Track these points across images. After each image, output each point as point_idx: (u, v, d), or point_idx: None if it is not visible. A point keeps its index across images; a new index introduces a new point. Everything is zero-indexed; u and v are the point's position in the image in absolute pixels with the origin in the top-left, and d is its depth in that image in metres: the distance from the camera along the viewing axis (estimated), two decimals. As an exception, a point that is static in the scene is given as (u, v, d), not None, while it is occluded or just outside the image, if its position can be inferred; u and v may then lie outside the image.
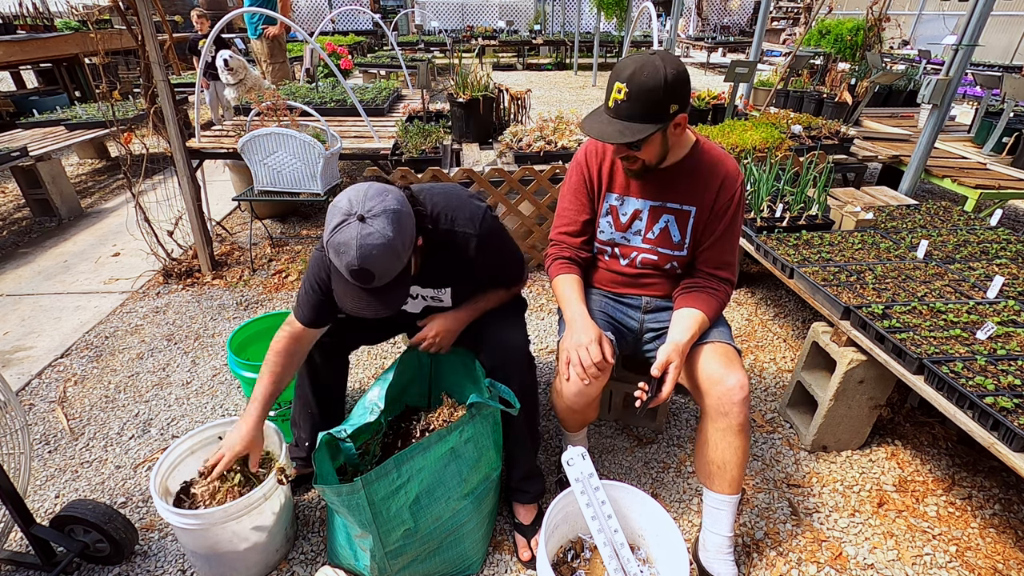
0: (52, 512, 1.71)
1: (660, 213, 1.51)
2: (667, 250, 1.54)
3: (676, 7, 5.18)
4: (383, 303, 1.21)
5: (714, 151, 1.49)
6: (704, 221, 1.50)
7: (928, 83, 2.77)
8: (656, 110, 1.27)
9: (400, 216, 1.15)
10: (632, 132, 1.29)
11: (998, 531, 1.67)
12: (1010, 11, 9.59)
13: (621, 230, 1.57)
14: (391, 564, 1.39)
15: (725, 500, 1.44)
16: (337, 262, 1.15)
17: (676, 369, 1.36)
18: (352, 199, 1.14)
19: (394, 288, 1.22)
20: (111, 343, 2.62)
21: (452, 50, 10.36)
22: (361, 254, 1.10)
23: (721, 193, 1.46)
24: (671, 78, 1.24)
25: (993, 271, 2.01)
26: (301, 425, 1.72)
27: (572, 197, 1.59)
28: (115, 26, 6.64)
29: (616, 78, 1.29)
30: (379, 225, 1.12)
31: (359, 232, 1.10)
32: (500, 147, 3.36)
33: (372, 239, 1.10)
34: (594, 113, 1.40)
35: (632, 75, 1.25)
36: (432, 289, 1.51)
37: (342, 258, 1.13)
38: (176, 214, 3.17)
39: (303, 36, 3.70)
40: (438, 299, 1.54)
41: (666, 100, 1.26)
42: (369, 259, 1.11)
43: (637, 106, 1.27)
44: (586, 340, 1.37)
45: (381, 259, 1.12)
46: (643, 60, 1.26)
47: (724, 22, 16.01)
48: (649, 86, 1.24)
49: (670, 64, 1.25)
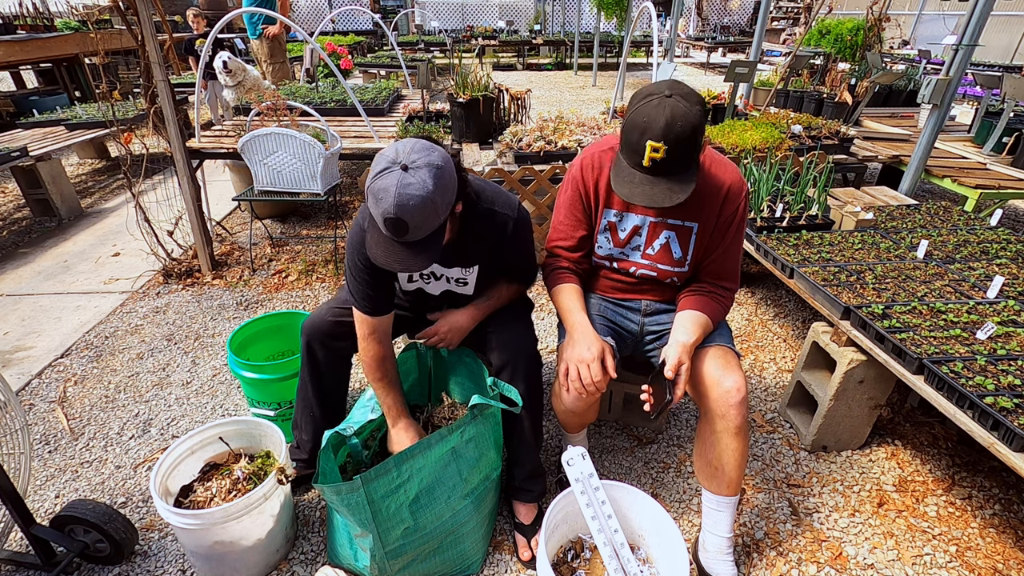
0: (52, 512, 1.72)
1: (661, 229, 1.47)
2: (667, 266, 1.51)
3: (676, 7, 5.18)
4: (412, 258, 1.20)
5: (716, 161, 1.44)
6: (707, 237, 1.45)
7: (928, 83, 2.77)
8: (695, 154, 1.24)
9: (443, 173, 1.16)
10: (681, 188, 1.23)
11: (998, 531, 1.67)
12: (1010, 11, 9.58)
13: (619, 246, 1.53)
14: (391, 564, 1.39)
15: (724, 501, 1.44)
16: (374, 209, 1.15)
17: (687, 370, 1.34)
18: (399, 149, 1.15)
19: (426, 245, 1.21)
20: (111, 343, 2.62)
21: (452, 50, 10.36)
22: (399, 202, 1.11)
23: (725, 207, 1.42)
24: (700, 114, 1.19)
25: (993, 271, 2.01)
26: (303, 427, 1.72)
27: (568, 212, 1.55)
28: (115, 26, 6.62)
29: (647, 135, 1.19)
30: (421, 176, 1.12)
31: (400, 180, 1.11)
32: (500, 147, 3.36)
33: (411, 189, 1.11)
34: (621, 172, 1.30)
35: (666, 130, 1.17)
36: (460, 269, 1.51)
37: (380, 204, 1.13)
38: (176, 214, 3.17)
39: (303, 36, 3.70)
40: (463, 280, 1.54)
41: (701, 138, 1.22)
42: (406, 209, 1.11)
43: (677, 160, 1.21)
44: (589, 357, 1.34)
45: (417, 211, 1.13)
46: (670, 109, 1.17)
47: (724, 22, 16.01)
48: (687, 134, 1.18)
49: (692, 99, 1.19)
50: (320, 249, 3.54)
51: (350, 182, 4.74)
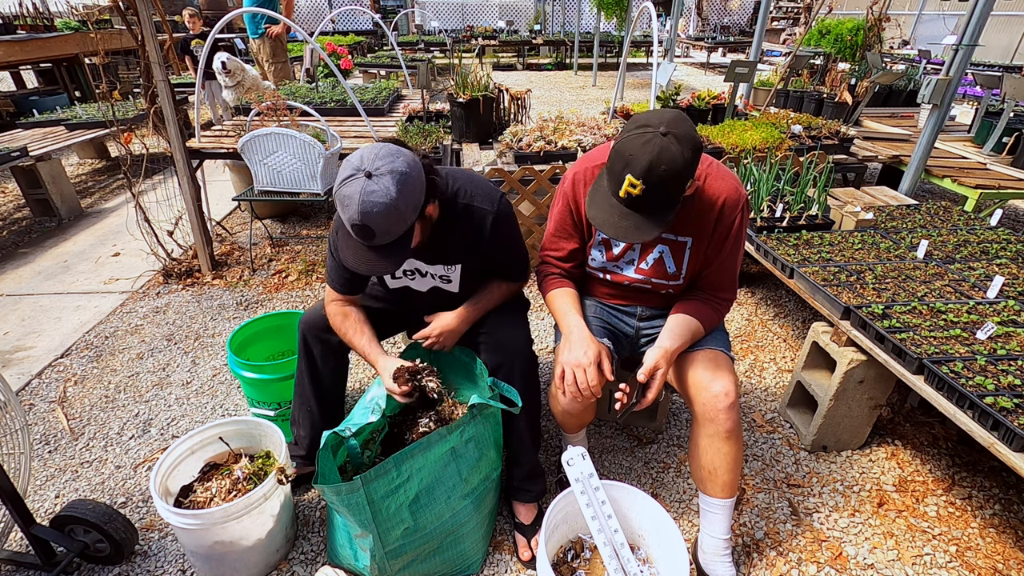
0: (52, 512, 1.72)
1: (654, 243, 1.46)
2: (661, 280, 1.49)
3: (676, 7, 5.19)
4: (381, 262, 1.23)
5: (712, 174, 1.37)
6: (703, 251, 1.42)
7: (928, 83, 2.77)
8: (676, 197, 1.18)
9: (407, 179, 1.17)
10: (650, 228, 1.18)
11: (998, 531, 1.67)
12: (1010, 11, 9.58)
13: (613, 260, 1.52)
14: (391, 564, 1.39)
15: (719, 504, 1.44)
16: (341, 214, 1.18)
17: (662, 376, 1.34)
18: (364, 155, 1.17)
19: (394, 249, 1.24)
20: (111, 343, 2.62)
21: (452, 50, 10.36)
22: (363, 210, 1.13)
23: (720, 222, 1.37)
24: (690, 160, 1.11)
25: (993, 271, 2.01)
26: (301, 423, 1.72)
27: (558, 225, 1.52)
28: (115, 26, 6.62)
29: (628, 169, 1.13)
30: (384, 184, 1.14)
31: (363, 188, 1.13)
32: (500, 147, 3.36)
33: (375, 196, 1.13)
34: (598, 195, 1.25)
35: (649, 170, 1.10)
36: (442, 266, 1.51)
37: (345, 211, 1.16)
38: (176, 214, 3.17)
39: (303, 36, 3.70)
40: (447, 278, 1.54)
41: (685, 182, 1.15)
42: (370, 216, 1.14)
43: (654, 199, 1.15)
44: (585, 361, 1.32)
45: (382, 217, 1.15)
46: (658, 148, 1.10)
47: (724, 22, 16.01)
48: (669, 179, 1.11)
49: (686, 143, 1.11)
50: (320, 249, 3.54)
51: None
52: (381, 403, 1.49)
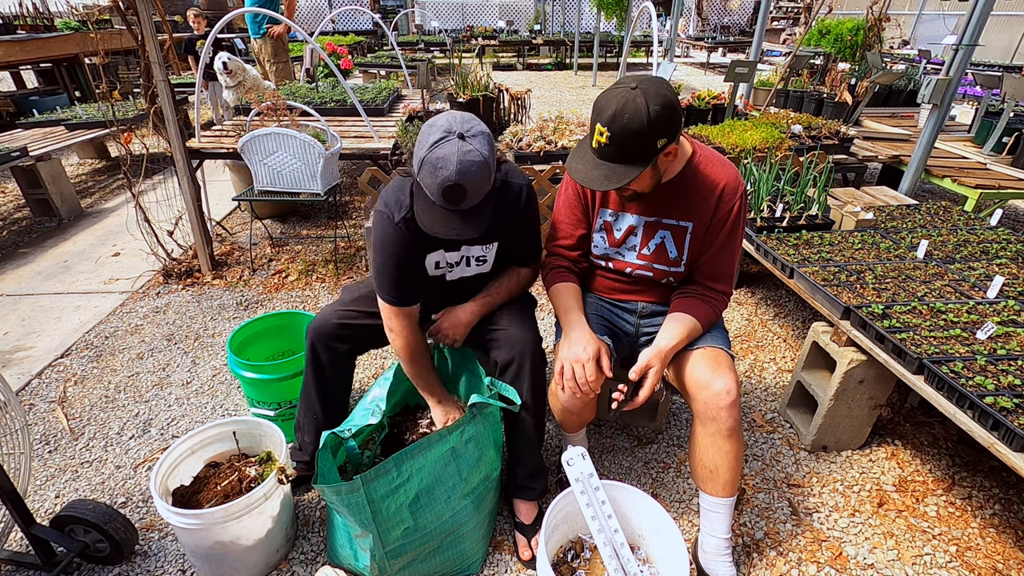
0: (52, 512, 1.72)
1: (656, 229, 1.48)
2: (663, 266, 1.51)
3: (676, 7, 5.18)
4: (466, 226, 1.25)
5: (712, 161, 1.43)
6: (702, 235, 1.45)
7: (928, 83, 2.77)
8: (642, 151, 1.22)
9: (492, 140, 1.22)
10: (618, 176, 1.24)
11: (998, 531, 1.67)
12: (1010, 11, 9.58)
13: (615, 245, 1.54)
14: (391, 564, 1.39)
15: (719, 503, 1.44)
16: (431, 179, 1.19)
17: (655, 374, 1.35)
18: (451, 120, 1.20)
19: (480, 210, 1.26)
20: (111, 343, 2.62)
21: (452, 50, 10.36)
22: (460, 169, 1.15)
23: (720, 206, 1.41)
24: (655, 115, 1.17)
25: (993, 271, 2.01)
26: (305, 429, 1.71)
27: (567, 211, 1.55)
28: (115, 26, 6.63)
29: (597, 118, 1.22)
30: (478, 144, 1.18)
31: (460, 148, 1.16)
32: (500, 147, 3.36)
33: (472, 156, 1.16)
34: (580, 149, 1.34)
35: (613, 118, 1.18)
36: (480, 247, 1.52)
37: (439, 173, 1.17)
38: (176, 214, 3.17)
39: (303, 36, 3.70)
40: (483, 258, 1.55)
41: (651, 139, 1.20)
42: (467, 175, 1.16)
43: (620, 150, 1.22)
44: (584, 357, 1.34)
45: (477, 177, 1.18)
46: (624, 99, 1.18)
47: (724, 22, 16.01)
48: (632, 128, 1.18)
49: (653, 99, 1.17)
50: (320, 249, 3.54)
51: (350, 182, 4.74)
52: (382, 405, 1.49)
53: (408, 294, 1.45)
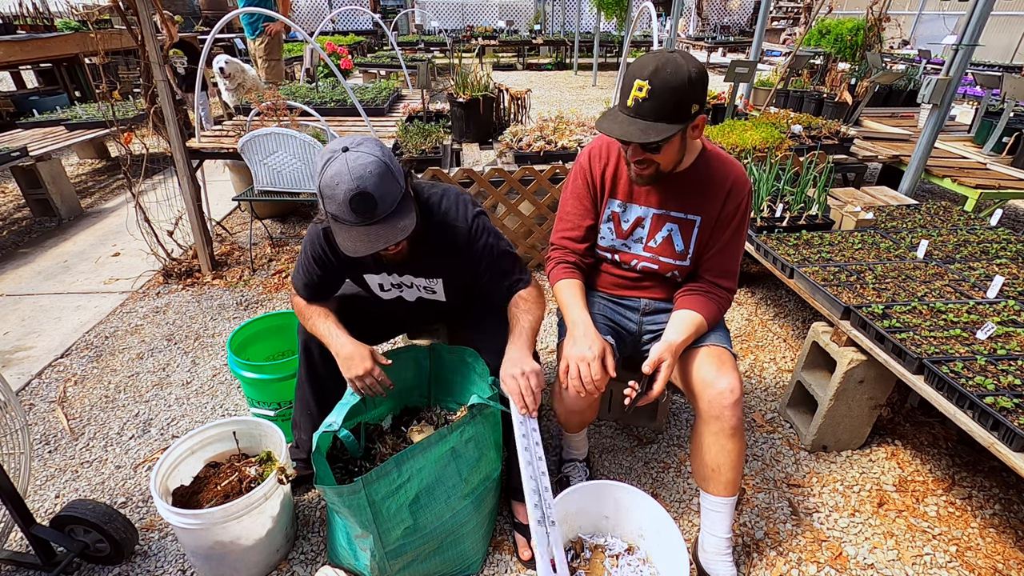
0: (52, 512, 1.71)
1: (664, 221, 1.48)
2: (669, 259, 1.51)
3: (676, 7, 5.18)
4: (390, 231, 1.19)
5: (721, 156, 1.45)
6: (709, 230, 1.47)
7: (928, 83, 2.77)
8: (679, 109, 1.23)
9: (383, 145, 1.21)
10: (656, 131, 1.23)
11: (998, 531, 1.67)
12: (1010, 11, 9.58)
13: (622, 237, 1.54)
14: (391, 564, 1.39)
15: (721, 502, 1.44)
16: (332, 201, 1.16)
17: (668, 368, 1.35)
18: (335, 143, 1.20)
19: (398, 215, 1.21)
20: (111, 343, 2.62)
21: (452, 50, 10.35)
22: (354, 175, 1.13)
23: (728, 202, 1.43)
24: (694, 76, 1.20)
25: (993, 271, 2.01)
26: (302, 426, 1.71)
27: (575, 201, 1.55)
28: (115, 26, 6.62)
29: (637, 75, 1.23)
30: (365, 149, 1.17)
31: (347, 158, 1.15)
32: (500, 147, 3.36)
33: (361, 160, 1.15)
34: (609, 113, 1.32)
35: (655, 72, 1.20)
36: (424, 279, 1.52)
37: (338, 189, 1.14)
38: (176, 214, 3.17)
39: (303, 36, 3.70)
40: (431, 289, 1.55)
41: (689, 98, 1.22)
42: (365, 178, 1.14)
43: (660, 104, 1.22)
44: (590, 355, 1.33)
45: (375, 178, 1.15)
46: (665, 57, 1.21)
47: (724, 22, 16.00)
48: (673, 84, 1.20)
49: (692, 62, 1.22)
50: (320, 249, 3.53)
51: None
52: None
53: (316, 297, 1.54)
